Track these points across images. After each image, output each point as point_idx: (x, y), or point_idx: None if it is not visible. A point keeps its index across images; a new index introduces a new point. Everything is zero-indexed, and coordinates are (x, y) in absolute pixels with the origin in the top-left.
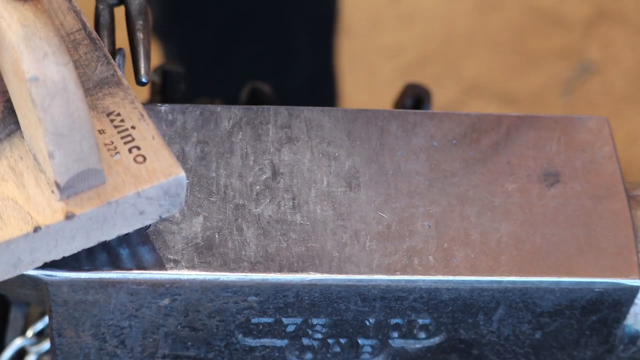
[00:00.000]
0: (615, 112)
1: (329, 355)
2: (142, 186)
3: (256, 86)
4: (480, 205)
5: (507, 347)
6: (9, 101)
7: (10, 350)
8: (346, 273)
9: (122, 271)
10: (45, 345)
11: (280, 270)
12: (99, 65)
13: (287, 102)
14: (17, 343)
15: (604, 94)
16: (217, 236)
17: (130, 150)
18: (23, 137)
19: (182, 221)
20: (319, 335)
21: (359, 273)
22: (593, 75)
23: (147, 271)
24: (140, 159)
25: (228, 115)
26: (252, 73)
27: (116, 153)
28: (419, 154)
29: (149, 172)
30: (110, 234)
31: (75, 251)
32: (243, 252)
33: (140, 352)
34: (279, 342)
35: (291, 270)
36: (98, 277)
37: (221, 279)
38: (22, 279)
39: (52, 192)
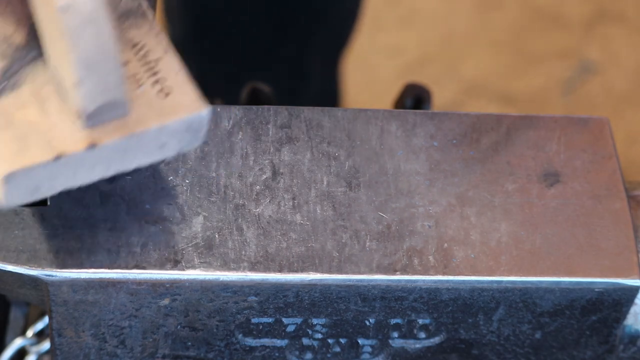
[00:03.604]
0: (615, 112)
1: (329, 355)
2: (165, 120)
3: (256, 86)
4: (480, 205)
5: (507, 347)
6: (33, 26)
7: (10, 350)
8: (346, 273)
9: (122, 271)
10: (45, 345)
11: (280, 270)
12: None
13: None
14: (17, 343)
15: (604, 94)
16: (217, 236)
17: (154, 83)
18: (47, 64)
19: (182, 221)
20: (319, 335)
21: (359, 273)
22: (593, 75)
23: (147, 271)
24: (164, 92)
25: (228, 115)
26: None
27: (140, 85)
28: (419, 154)
29: (172, 106)
30: (129, 165)
31: (93, 180)
32: (243, 252)
33: (140, 352)
34: (279, 342)
35: (291, 270)
36: (98, 277)
37: (221, 279)
38: (22, 279)
39: (76, 120)
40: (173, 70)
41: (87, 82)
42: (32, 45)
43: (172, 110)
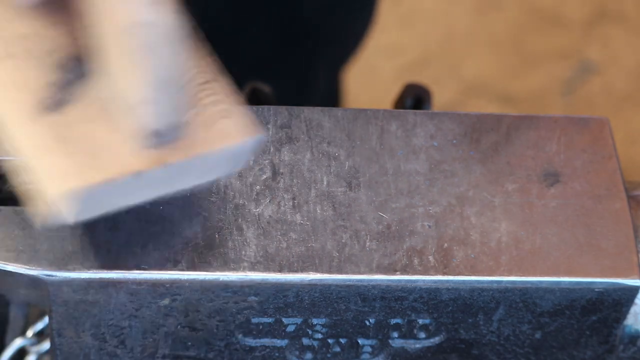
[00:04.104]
0: (615, 112)
1: (329, 355)
2: (224, 144)
3: (256, 86)
4: (480, 205)
5: (507, 347)
6: (81, 40)
7: (10, 350)
8: (346, 273)
9: (122, 271)
10: (45, 345)
11: (280, 270)
12: None
13: None
14: (17, 343)
15: (604, 94)
16: (217, 236)
17: (210, 105)
18: (102, 79)
19: (182, 221)
20: (319, 335)
21: (359, 273)
22: (593, 75)
23: (147, 271)
24: (219, 115)
25: None
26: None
27: (200, 105)
28: (419, 154)
29: (229, 130)
30: (180, 186)
31: (147, 199)
32: (243, 252)
33: (140, 352)
34: (279, 342)
35: (291, 270)
36: (98, 277)
37: (221, 279)
38: (22, 279)
39: (136, 138)
40: (225, 93)
41: (154, 102)
42: (82, 59)
43: (230, 134)
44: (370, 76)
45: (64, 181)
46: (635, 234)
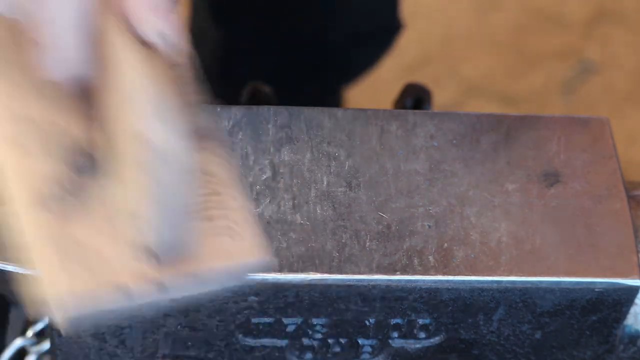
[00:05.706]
0: (615, 112)
1: (329, 355)
2: (228, 264)
3: (256, 86)
4: (480, 205)
5: (507, 347)
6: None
7: (10, 350)
8: (346, 273)
9: None
10: (45, 345)
11: (280, 270)
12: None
13: None
14: (17, 343)
15: (604, 94)
16: None
17: (218, 218)
18: (114, 186)
19: None
20: (319, 335)
21: (359, 273)
22: (593, 75)
23: None
24: (229, 232)
25: (228, 115)
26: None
27: (206, 220)
28: (419, 154)
29: (236, 250)
30: (174, 296)
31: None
32: None
33: (140, 352)
34: (279, 342)
35: (291, 270)
36: None
37: None
38: (22, 279)
39: (139, 252)
40: (234, 208)
41: (156, 222)
42: (94, 157)
43: (230, 254)
44: (370, 76)
45: (55, 287)
46: (635, 234)
